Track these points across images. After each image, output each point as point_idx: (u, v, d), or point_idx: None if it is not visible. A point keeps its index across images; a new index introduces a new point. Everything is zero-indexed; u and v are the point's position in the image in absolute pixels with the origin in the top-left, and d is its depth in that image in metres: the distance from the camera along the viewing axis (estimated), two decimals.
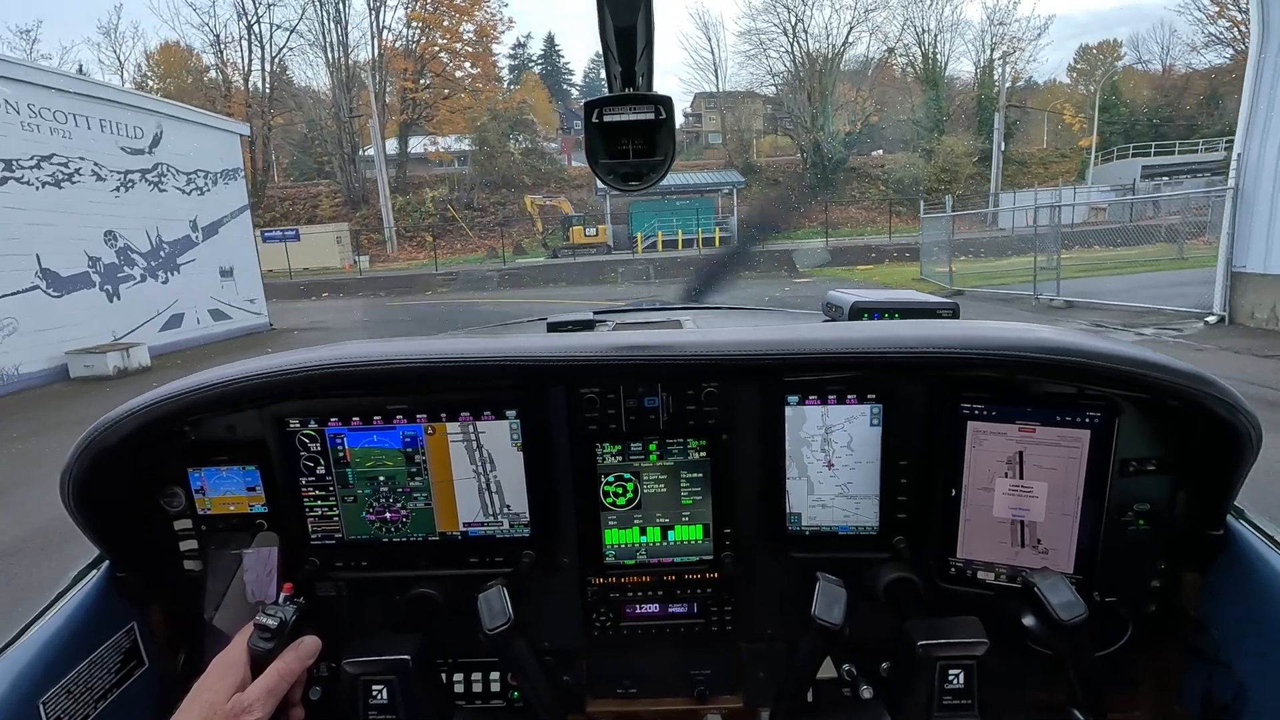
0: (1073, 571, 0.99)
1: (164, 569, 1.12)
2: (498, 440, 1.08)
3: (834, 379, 1.04)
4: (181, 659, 1.13)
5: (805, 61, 42.16)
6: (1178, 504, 1.01)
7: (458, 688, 1.18)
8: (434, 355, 0.99)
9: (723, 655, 1.18)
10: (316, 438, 1.09)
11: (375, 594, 1.15)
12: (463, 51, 39.07)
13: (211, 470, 1.11)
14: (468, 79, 39.80)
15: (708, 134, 57.86)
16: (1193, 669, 1.02)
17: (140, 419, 0.97)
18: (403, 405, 1.08)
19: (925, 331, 0.98)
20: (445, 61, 38.87)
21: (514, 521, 1.12)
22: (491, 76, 41.27)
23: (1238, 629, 0.95)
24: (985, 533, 1.03)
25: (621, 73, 0.79)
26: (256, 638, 0.92)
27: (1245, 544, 0.96)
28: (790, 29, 42.25)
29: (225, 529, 1.12)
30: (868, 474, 1.07)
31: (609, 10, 0.69)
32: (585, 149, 0.84)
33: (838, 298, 1.40)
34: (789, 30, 42.36)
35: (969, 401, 1.01)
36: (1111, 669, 1.02)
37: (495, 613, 0.94)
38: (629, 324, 1.66)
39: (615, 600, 1.15)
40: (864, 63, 43.03)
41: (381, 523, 1.12)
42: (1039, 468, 0.99)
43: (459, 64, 39.27)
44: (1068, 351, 0.91)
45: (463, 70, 39.73)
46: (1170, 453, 1.00)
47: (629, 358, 1.01)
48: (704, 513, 1.11)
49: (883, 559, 1.08)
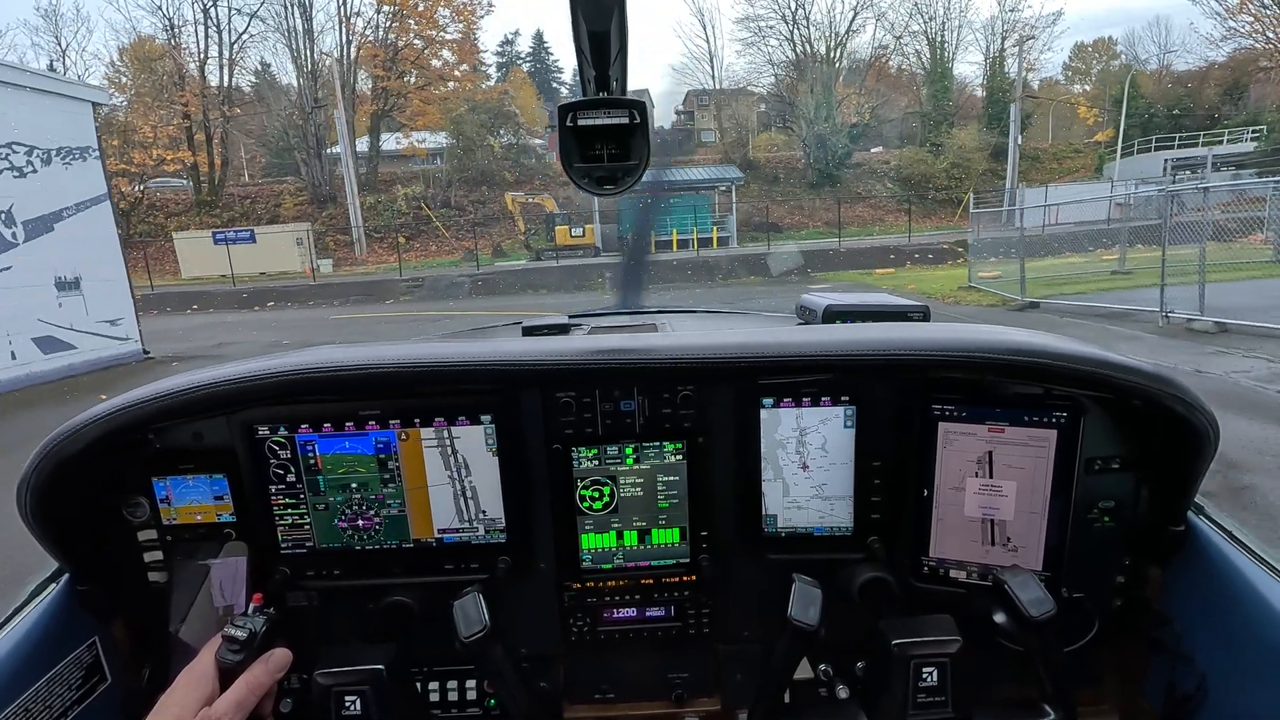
0: (1042, 569, 1.04)
1: (127, 581, 1.11)
2: (473, 445, 1.10)
3: (808, 381, 1.09)
4: (146, 674, 1.12)
5: (806, 49, 38.73)
6: (1140, 501, 1.07)
7: (433, 696, 1.19)
8: (408, 360, 0.99)
9: (700, 658, 1.22)
10: (287, 445, 1.09)
11: (348, 603, 1.15)
12: (439, 39, 35.32)
13: (177, 479, 1.10)
14: (445, 68, 36.04)
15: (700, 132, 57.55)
16: (1156, 661, 1.07)
17: (103, 426, 0.96)
18: (375, 411, 1.08)
19: (897, 334, 1.03)
20: (420, 48, 34.95)
21: (490, 527, 1.14)
22: (472, 65, 37.57)
23: (1198, 622, 1.00)
24: (957, 532, 1.08)
25: (595, 77, 0.81)
26: (225, 650, 0.92)
27: (1205, 539, 1.02)
28: (790, 15, 39.39)
29: (192, 539, 1.11)
30: (842, 475, 1.12)
31: (582, 15, 0.72)
32: (559, 153, 0.86)
33: (811, 301, 1.43)
34: (789, 17, 39.55)
35: (940, 403, 1.05)
36: (1079, 663, 1.08)
37: (471, 620, 0.95)
38: (604, 327, 1.65)
39: (592, 605, 1.17)
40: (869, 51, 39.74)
41: (354, 530, 1.13)
42: (1008, 467, 1.04)
43: (436, 52, 35.57)
44: (1034, 353, 0.95)
45: (440, 59, 36.13)
46: (1133, 451, 1.06)
47: (605, 361, 1.02)
48: (680, 516, 1.14)
49: (857, 559, 1.12)
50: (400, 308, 20.57)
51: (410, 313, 18.82)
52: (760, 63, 42.68)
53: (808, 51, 40.68)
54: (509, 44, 60.00)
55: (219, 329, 16.43)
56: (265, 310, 21.33)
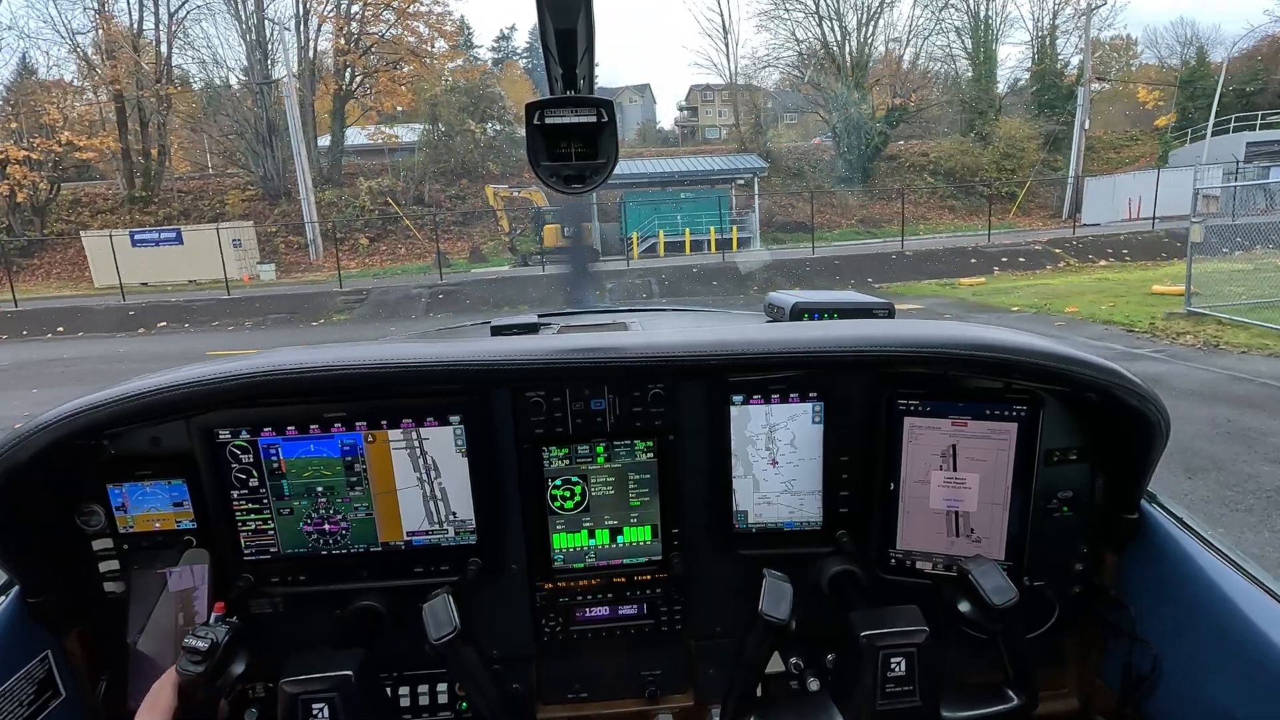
0: (1004, 558, 1.11)
1: (82, 592, 1.11)
2: (442, 446, 1.13)
3: (777, 378, 1.15)
4: (103, 687, 1.12)
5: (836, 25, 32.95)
6: (1097, 491, 1.14)
7: (404, 701, 1.23)
8: (374, 361, 1.00)
9: (673, 654, 1.27)
10: (249, 449, 1.10)
11: (315, 609, 1.18)
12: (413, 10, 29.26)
13: (134, 486, 1.09)
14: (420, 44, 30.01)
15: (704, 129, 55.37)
16: (1113, 645, 1.14)
17: (54, 433, 0.95)
18: (341, 413, 1.10)
19: (863, 331, 1.09)
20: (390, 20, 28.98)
21: (460, 529, 1.17)
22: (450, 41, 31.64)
23: (1152, 605, 1.07)
24: (923, 524, 1.14)
25: (563, 75, 0.85)
26: (186, 661, 0.91)
27: (1157, 525, 1.09)
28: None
29: (150, 547, 1.11)
30: (810, 470, 1.18)
31: (549, 13, 0.73)
32: (527, 151, 0.90)
33: (779, 299, 1.49)
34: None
35: (905, 398, 1.12)
36: (1041, 649, 1.15)
37: (441, 622, 0.96)
38: (574, 326, 1.68)
39: (565, 605, 1.22)
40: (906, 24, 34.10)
41: (320, 535, 1.15)
42: (971, 460, 1.11)
43: (407, 23, 29.49)
44: (994, 348, 1.02)
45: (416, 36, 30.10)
46: (1089, 442, 1.13)
47: (575, 360, 1.06)
48: (652, 514, 1.20)
49: (826, 553, 1.19)
50: (326, 331, 17.22)
51: (335, 338, 15.17)
52: (784, 39, 36.83)
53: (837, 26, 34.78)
54: (505, 39, 58.32)
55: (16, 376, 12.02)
56: (150, 334, 17.81)
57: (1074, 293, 14.00)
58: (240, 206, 32.61)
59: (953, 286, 17.21)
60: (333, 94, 33.85)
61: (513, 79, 46.21)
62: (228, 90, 33.59)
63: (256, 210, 32.63)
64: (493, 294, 19.52)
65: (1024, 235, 24.48)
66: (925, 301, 14.89)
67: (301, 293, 21.08)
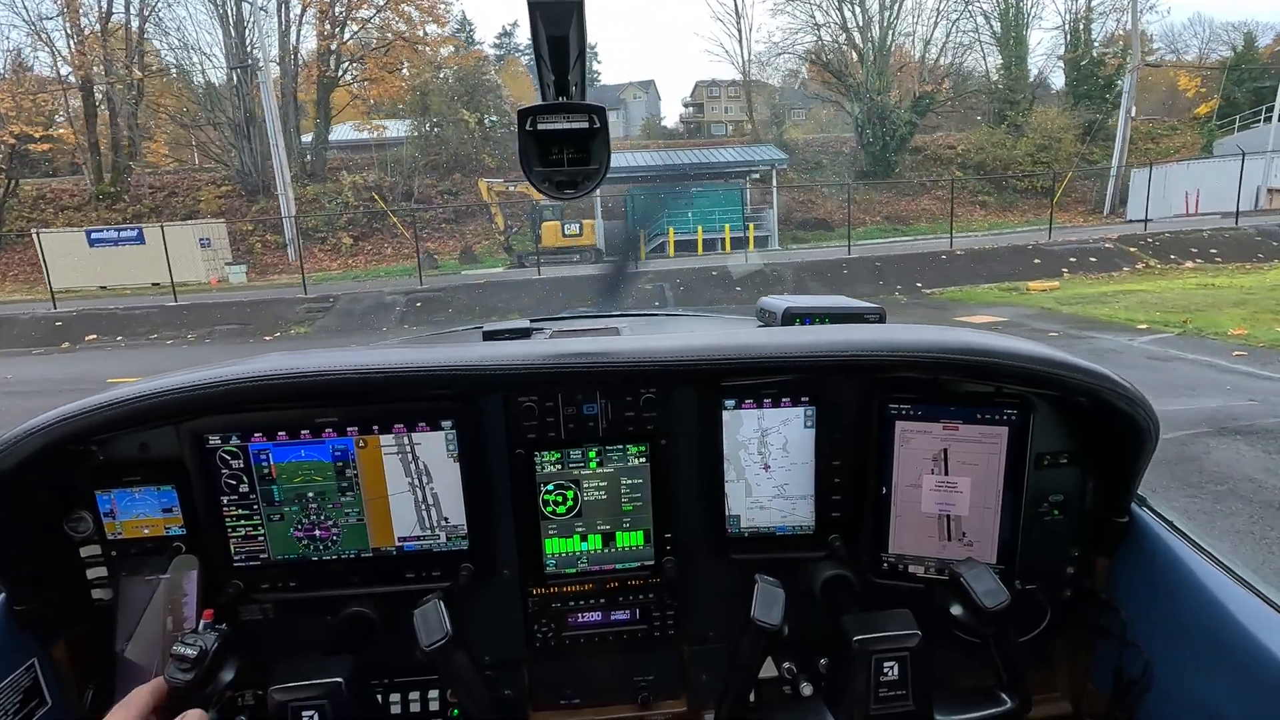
0: (996, 562, 1.14)
1: (69, 600, 1.12)
2: (433, 452, 1.15)
3: (769, 383, 1.18)
4: (89, 696, 1.13)
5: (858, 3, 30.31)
6: (1087, 494, 1.16)
7: (394, 709, 1.25)
8: (365, 367, 1.01)
9: (665, 659, 1.30)
10: (239, 454, 1.11)
11: (305, 615, 1.20)
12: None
13: (123, 492, 1.09)
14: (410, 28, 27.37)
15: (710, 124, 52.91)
16: (1104, 648, 1.16)
17: (42, 439, 0.95)
18: (332, 418, 1.11)
19: (854, 335, 1.12)
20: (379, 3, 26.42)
21: (451, 534, 1.19)
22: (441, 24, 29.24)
23: (1142, 608, 1.09)
24: (915, 528, 1.17)
25: (555, 81, 0.86)
26: (174, 669, 0.90)
27: (1148, 529, 1.11)
28: None
29: (138, 554, 1.12)
30: (803, 475, 1.20)
31: (541, 20, 0.74)
32: (519, 156, 0.92)
33: (771, 303, 1.50)
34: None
35: (896, 402, 1.14)
36: (1033, 652, 1.18)
37: (432, 628, 0.96)
38: (566, 331, 1.72)
39: (557, 610, 1.25)
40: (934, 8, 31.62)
41: (311, 541, 1.16)
42: (962, 464, 1.13)
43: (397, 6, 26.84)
44: (985, 352, 1.04)
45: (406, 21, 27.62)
46: (1079, 446, 1.15)
47: (567, 365, 1.08)
48: (645, 518, 1.23)
49: (819, 557, 1.22)
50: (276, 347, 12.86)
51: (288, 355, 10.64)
52: (802, 21, 34.09)
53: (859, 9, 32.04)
54: (507, 34, 57.76)
55: None
56: (74, 349, 15.11)
57: (1187, 303, 11.30)
58: (215, 203, 30.83)
59: (1021, 292, 14.72)
60: (315, 80, 31.50)
61: (514, 75, 45.39)
62: (203, 77, 31.89)
63: (233, 207, 31.16)
64: (480, 301, 17.16)
65: (1088, 232, 21.67)
66: (999, 311, 12.71)
67: (261, 299, 18.61)
